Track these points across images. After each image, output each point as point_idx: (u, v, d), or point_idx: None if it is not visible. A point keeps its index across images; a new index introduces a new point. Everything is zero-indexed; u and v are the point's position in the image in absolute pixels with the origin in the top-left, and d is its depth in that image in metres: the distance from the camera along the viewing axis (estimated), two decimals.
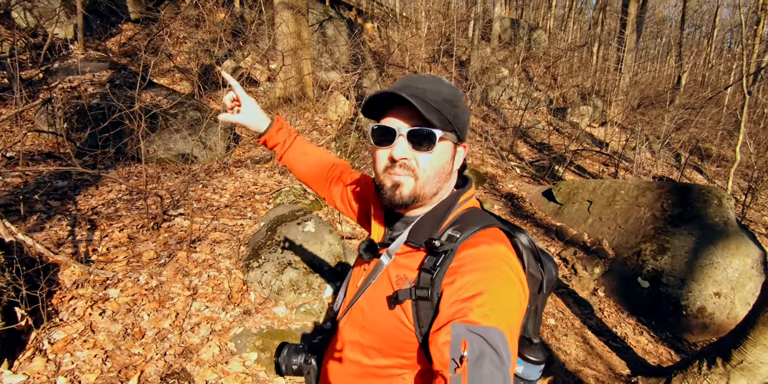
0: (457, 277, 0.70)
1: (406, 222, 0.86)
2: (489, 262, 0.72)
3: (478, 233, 0.77)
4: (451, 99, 0.80)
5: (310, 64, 6.81)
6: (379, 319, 0.80)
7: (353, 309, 0.87)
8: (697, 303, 3.80)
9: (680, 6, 20.67)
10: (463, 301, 0.67)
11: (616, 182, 4.77)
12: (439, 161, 0.80)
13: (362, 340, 0.83)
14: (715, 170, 13.39)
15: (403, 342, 0.76)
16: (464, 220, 0.80)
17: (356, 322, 0.85)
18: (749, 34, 12.74)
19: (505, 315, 0.66)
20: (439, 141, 0.77)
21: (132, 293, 2.54)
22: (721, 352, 2.40)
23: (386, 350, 0.79)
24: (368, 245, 0.88)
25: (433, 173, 0.79)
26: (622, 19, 14.50)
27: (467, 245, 0.74)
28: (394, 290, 0.78)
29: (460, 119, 0.81)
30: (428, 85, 0.79)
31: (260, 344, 2.38)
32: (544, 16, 20.03)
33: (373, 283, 0.83)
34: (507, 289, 0.70)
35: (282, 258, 2.80)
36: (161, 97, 4.88)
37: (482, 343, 0.61)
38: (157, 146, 4.38)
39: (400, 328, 0.76)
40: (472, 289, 0.68)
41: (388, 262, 0.82)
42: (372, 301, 0.82)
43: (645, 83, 15.32)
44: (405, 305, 0.75)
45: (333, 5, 12.76)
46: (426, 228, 0.80)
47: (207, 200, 3.91)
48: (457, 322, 0.64)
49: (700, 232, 3.89)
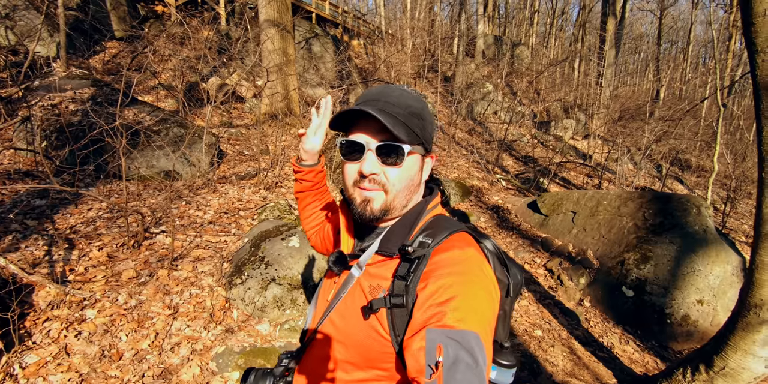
0: (431, 280, 0.70)
1: (376, 232, 0.86)
2: (462, 265, 0.72)
3: (449, 238, 0.77)
4: (418, 112, 0.80)
5: (295, 79, 6.88)
6: (353, 331, 0.78)
7: (325, 323, 0.85)
8: (681, 311, 3.83)
9: (656, 23, 21.50)
10: (438, 306, 0.66)
11: (599, 193, 4.85)
12: (408, 174, 0.80)
13: (337, 355, 0.81)
14: (695, 180, 13.71)
15: (380, 353, 0.75)
16: (434, 226, 0.80)
17: (330, 336, 0.83)
18: (722, 50, 13.26)
19: (480, 318, 0.66)
20: (407, 155, 0.78)
21: (110, 314, 2.48)
22: (704, 359, 2.41)
23: (363, 363, 0.78)
24: (338, 257, 0.86)
25: (403, 186, 0.80)
26: (601, 36, 14.99)
27: (439, 250, 0.75)
28: (368, 300, 0.77)
29: (427, 131, 0.82)
30: (395, 98, 0.79)
31: (242, 363, 2.32)
32: (526, 33, 20.61)
33: (345, 295, 0.82)
34: (481, 292, 0.69)
35: (266, 274, 2.76)
36: (144, 114, 4.86)
37: (457, 347, 0.60)
38: (140, 163, 4.34)
39: (376, 338, 0.75)
40: (446, 293, 0.67)
41: (359, 273, 0.81)
42: (345, 314, 0.81)
43: (625, 97, 15.76)
44: (380, 314, 0.74)
45: (319, 23, 12.98)
46: (397, 236, 0.80)
47: (190, 217, 3.86)
48: (432, 327, 0.63)
49: (681, 241, 3.96)
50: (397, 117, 0.77)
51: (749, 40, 1.89)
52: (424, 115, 0.81)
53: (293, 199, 4.61)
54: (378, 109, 0.76)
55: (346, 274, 0.84)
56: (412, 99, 0.81)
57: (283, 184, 5.02)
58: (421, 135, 0.80)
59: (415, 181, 0.82)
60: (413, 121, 0.79)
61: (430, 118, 0.83)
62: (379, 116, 0.74)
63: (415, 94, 0.82)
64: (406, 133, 0.77)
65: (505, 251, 0.85)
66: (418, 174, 0.82)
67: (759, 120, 1.94)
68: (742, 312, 2.18)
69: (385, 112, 0.76)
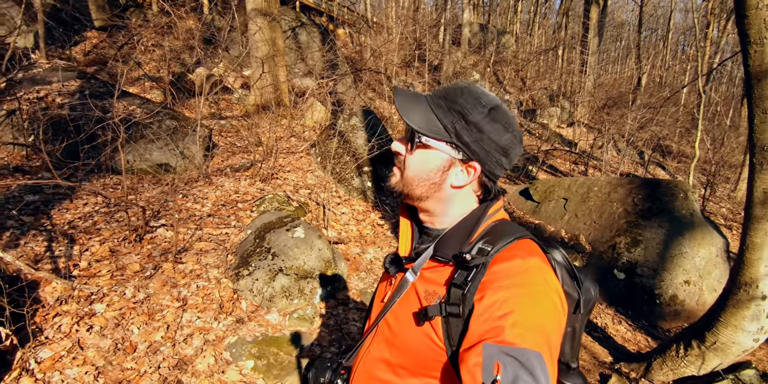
0: (489, 292, 0.66)
1: (432, 235, 0.83)
2: (523, 276, 0.68)
3: (511, 245, 0.72)
4: (464, 112, 0.74)
5: (285, 70, 6.80)
6: (408, 336, 0.76)
7: (380, 325, 0.83)
8: (669, 291, 4.01)
9: (637, 10, 21.72)
10: (496, 320, 0.63)
11: (589, 179, 4.98)
12: (419, 165, 0.78)
13: (391, 358, 0.79)
14: (676, 166, 14.10)
15: (433, 361, 0.73)
16: (495, 232, 0.75)
17: (384, 338, 0.82)
18: (701, 37, 13.53)
19: (542, 335, 0.62)
20: (419, 146, 0.76)
21: (119, 307, 2.48)
22: (696, 335, 2.56)
23: (415, 369, 0.75)
24: (393, 258, 0.85)
25: (412, 175, 0.78)
26: (584, 24, 15.11)
27: (499, 259, 0.70)
28: (422, 306, 0.75)
29: (471, 136, 0.74)
30: (453, 94, 0.76)
31: (256, 352, 2.37)
32: (510, 21, 20.64)
33: (400, 298, 0.80)
34: (543, 306, 0.65)
35: (273, 265, 2.79)
36: (135, 107, 4.77)
37: (517, 366, 0.57)
38: (134, 157, 4.27)
39: (429, 345, 0.72)
40: (505, 306, 0.64)
41: (414, 278, 0.79)
42: (399, 317, 0.79)
43: (608, 84, 16.00)
44: (435, 322, 0.72)
45: (304, 11, 12.76)
46: (454, 241, 0.76)
47: (189, 210, 3.84)
48: (490, 343, 0.60)
49: (669, 225, 4.12)
50: (430, 110, 0.76)
51: (742, 32, 1.97)
52: (471, 119, 0.74)
53: (291, 191, 4.62)
54: (414, 97, 0.77)
55: (401, 277, 0.82)
56: (470, 101, 0.74)
57: (278, 176, 5.01)
58: (455, 136, 0.74)
59: (430, 178, 0.77)
60: (448, 117, 0.75)
61: (489, 127, 0.74)
62: (398, 101, 0.76)
63: (484, 100, 0.75)
64: (426, 125, 0.74)
65: (576, 265, 0.81)
66: (436, 173, 0.77)
67: (750, 108, 2.04)
68: (733, 290, 2.32)
69: (418, 101, 0.77)
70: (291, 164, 5.45)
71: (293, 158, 5.60)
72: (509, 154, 0.77)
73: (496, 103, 0.76)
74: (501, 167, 0.78)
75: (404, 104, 0.77)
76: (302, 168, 5.41)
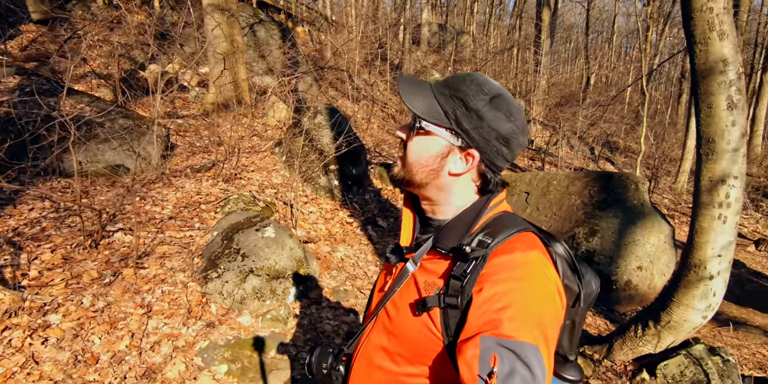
0: (488, 285, 0.67)
1: (433, 226, 0.83)
2: (523, 270, 0.68)
3: (512, 238, 0.72)
4: (465, 99, 0.74)
5: (245, 68, 6.62)
6: (407, 325, 0.77)
7: (380, 314, 0.84)
8: (624, 277, 4.26)
9: (584, 14, 22.86)
10: (494, 313, 0.63)
11: (549, 174, 5.20)
12: (419, 151, 0.77)
13: (389, 346, 0.80)
14: (623, 160, 14.99)
15: (430, 350, 0.74)
16: (496, 224, 0.75)
17: (383, 327, 0.83)
18: (643, 40, 14.45)
19: (540, 328, 0.62)
20: (419, 132, 0.76)
21: (77, 317, 2.33)
22: (652, 315, 2.74)
23: (413, 358, 0.76)
24: (394, 248, 0.85)
25: (411, 161, 0.78)
26: (537, 25, 15.73)
27: (499, 251, 0.70)
28: (421, 296, 0.75)
29: (471, 123, 0.74)
30: (456, 82, 0.76)
31: (229, 356, 2.30)
32: (467, 22, 21.12)
33: (401, 288, 0.80)
34: (542, 299, 0.66)
35: (243, 266, 2.71)
36: (83, 105, 4.48)
37: (513, 358, 0.58)
38: (85, 158, 4.01)
39: (427, 335, 0.73)
40: (503, 299, 0.64)
41: (414, 268, 0.79)
42: (398, 306, 0.80)
43: (561, 84, 16.75)
44: (433, 313, 0.72)
45: (261, 8, 12.46)
46: (455, 233, 0.76)
47: (148, 213, 3.66)
48: (487, 335, 0.61)
49: (623, 215, 4.38)
50: (433, 97, 0.76)
51: (688, 32, 2.13)
52: (472, 106, 0.73)
53: (256, 191, 4.51)
54: (418, 83, 0.78)
55: (402, 267, 0.82)
56: (473, 89, 0.74)
57: (242, 176, 4.87)
58: (455, 123, 0.74)
59: (429, 164, 0.77)
60: (455, 105, 0.74)
61: (489, 115, 0.73)
62: (401, 87, 0.77)
63: (487, 88, 0.74)
64: (429, 111, 0.74)
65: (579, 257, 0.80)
66: (435, 159, 0.77)
67: (697, 103, 2.21)
68: (684, 271, 2.50)
69: (422, 88, 0.78)
70: (255, 164, 5.32)
71: (257, 158, 5.47)
72: (510, 144, 0.75)
73: (500, 91, 0.75)
74: (502, 157, 0.76)
75: (407, 90, 0.77)
76: (267, 167, 5.29)
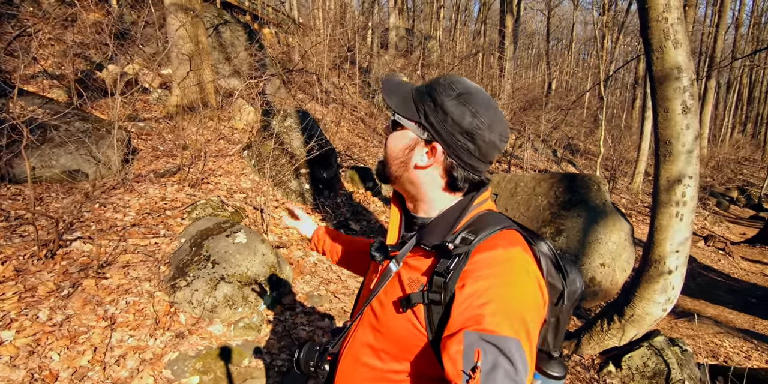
0: (470, 281, 0.68)
1: (417, 224, 0.85)
2: (504, 266, 0.69)
3: (494, 235, 0.74)
4: (434, 95, 0.77)
5: (210, 70, 6.44)
6: (391, 322, 0.78)
7: (366, 311, 0.85)
8: (589, 274, 4.43)
9: (545, 22, 23.76)
10: (476, 308, 0.64)
11: (516, 175, 5.35)
12: (393, 144, 0.82)
13: (375, 343, 0.81)
14: (584, 162, 15.64)
15: (414, 346, 0.75)
16: (479, 222, 0.77)
17: (369, 324, 0.84)
18: (599, 47, 15.17)
19: (521, 323, 0.64)
20: (396, 127, 0.81)
21: (32, 333, 2.18)
22: (616, 310, 2.86)
23: (398, 354, 0.78)
24: (379, 246, 0.86)
25: (387, 153, 0.83)
26: (501, 32, 16.20)
27: (482, 248, 0.72)
28: (405, 293, 0.76)
29: (436, 117, 0.76)
30: (434, 83, 0.79)
31: (201, 367, 2.21)
32: (434, 27, 21.48)
33: (386, 285, 0.81)
34: (523, 295, 0.68)
35: (213, 273, 2.63)
36: (35, 107, 4.22)
37: (497, 353, 0.59)
38: (38, 163, 3.78)
39: (412, 331, 0.74)
40: (485, 295, 0.65)
41: (398, 266, 0.81)
42: (384, 304, 0.81)
43: (525, 88, 17.30)
44: (417, 309, 0.74)
45: (226, 9, 12.19)
46: (439, 230, 0.78)
47: (109, 220, 3.48)
48: (471, 331, 0.62)
49: (586, 214, 4.56)
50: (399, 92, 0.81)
51: (646, 40, 2.26)
52: (440, 103, 0.76)
53: (225, 196, 4.39)
54: (401, 84, 0.83)
55: (387, 264, 0.83)
56: (447, 87, 0.77)
57: (210, 180, 4.73)
58: (424, 117, 0.77)
59: (399, 157, 0.81)
60: (423, 99, 0.78)
61: (455, 112, 0.75)
62: (384, 85, 0.82)
63: (457, 86, 0.77)
64: (403, 106, 0.79)
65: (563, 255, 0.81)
66: (403, 151, 0.80)
67: (654, 107, 2.35)
68: (645, 267, 2.64)
69: (403, 87, 0.82)
70: (222, 168, 5.18)
71: (224, 162, 5.32)
72: (475, 139, 0.76)
73: (471, 90, 0.77)
74: (468, 153, 0.77)
75: (389, 88, 0.82)
76: (235, 172, 5.17)
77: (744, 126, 27.92)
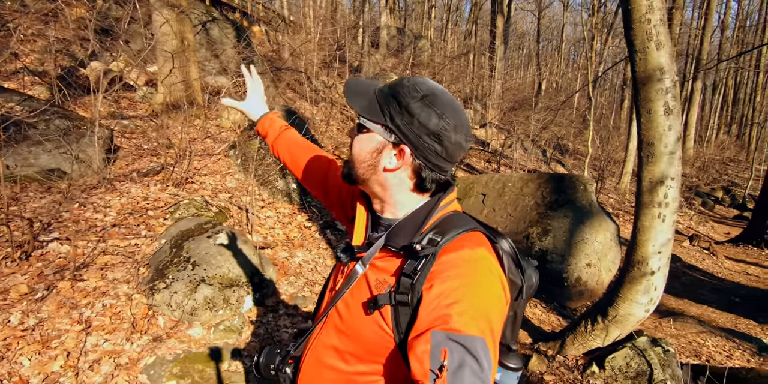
0: (437, 281, 0.69)
1: (384, 225, 0.84)
2: (469, 266, 0.71)
3: (460, 237, 0.75)
4: (399, 97, 0.76)
5: (197, 67, 6.35)
6: (357, 324, 0.78)
7: (331, 313, 0.84)
8: (575, 274, 4.45)
9: (536, 22, 23.90)
10: (444, 308, 0.65)
11: (504, 176, 5.36)
12: (359, 147, 0.81)
13: (340, 345, 0.81)
14: (572, 162, 15.76)
15: (382, 348, 0.75)
16: (446, 223, 0.78)
17: (334, 326, 0.83)
18: (588, 48, 15.28)
19: (486, 322, 0.65)
20: (362, 130, 0.80)
21: (3, 337, 2.12)
22: (600, 311, 2.87)
23: (364, 356, 0.78)
24: (345, 247, 0.86)
25: (353, 157, 0.82)
26: (491, 32, 16.25)
27: (448, 249, 0.73)
28: (373, 295, 0.76)
29: (402, 120, 0.76)
30: (397, 84, 0.78)
31: (178, 371, 2.17)
32: (425, 27, 21.48)
33: (352, 287, 0.81)
34: (488, 295, 0.69)
35: (193, 275, 2.58)
36: (14, 104, 4.11)
37: (463, 352, 0.60)
38: (14, 161, 3.68)
39: (378, 333, 0.74)
40: (452, 295, 0.66)
41: (364, 268, 0.80)
42: (350, 305, 0.80)
43: (515, 88, 17.39)
44: (384, 310, 0.74)
45: (215, 6, 12.05)
46: (406, 231, 0.78)
47: (88, 221, 3.41)
48: (437, 330, 0.63)
49: (573, 214, 4.58)
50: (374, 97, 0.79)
51: (629, 42, 2.26)
52: (405, 104, 0.75)
53: (209, 195, 4.32)
54: (365, 85, 0.82)
55: (353, 266, 0.83)
56: (411, 88, 0.76)
57: (194, 180, 4.65)
58: (389, 119, 0.76)
59: (366, 160, 0.80)
60: (390, 103, 0.77)
61: (420, 113, 0.75)
62: (347, 88, 0.82)
63: (421, 87, 0.77)
64: (369, 109, 0.78)
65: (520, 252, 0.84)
66: (371, 154, 0.79)
67: (638, 109, 2.35)
68: (628, 268, 2.64)
69: (359, 87, 0.82)
70: (207, 167, 5.10)
71: (210, 161, 5.25)
72: (442, 140, 0.75)
73: (435, 91, 0.77)
74: (436, 154, 0.77)
75: (352, 90, 0.81)
76: (220, 171, 5.09)
77: (729, 127, 28.39)
